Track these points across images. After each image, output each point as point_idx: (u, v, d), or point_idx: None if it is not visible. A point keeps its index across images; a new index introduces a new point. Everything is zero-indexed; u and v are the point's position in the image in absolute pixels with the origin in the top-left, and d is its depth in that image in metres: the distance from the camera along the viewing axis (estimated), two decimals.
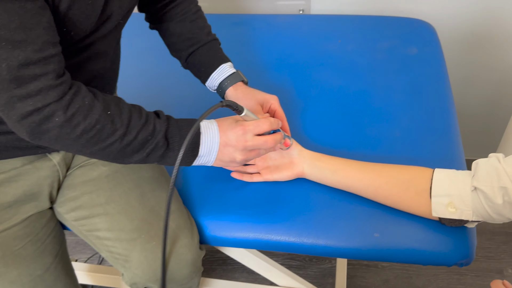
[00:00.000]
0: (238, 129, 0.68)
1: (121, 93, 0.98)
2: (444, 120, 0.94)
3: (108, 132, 0.59)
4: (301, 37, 1.22)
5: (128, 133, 0.61)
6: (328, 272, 1.47)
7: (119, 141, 0.60)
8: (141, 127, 0.62)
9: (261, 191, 0.83)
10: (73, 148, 0.59)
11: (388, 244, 0.75)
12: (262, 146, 0.71)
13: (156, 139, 0.63)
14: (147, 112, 0.65)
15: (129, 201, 0.76)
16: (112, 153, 0.61)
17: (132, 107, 0.64)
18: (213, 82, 0.87)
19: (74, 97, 0.57)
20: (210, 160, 0.70)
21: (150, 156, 0.64)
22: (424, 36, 1.18)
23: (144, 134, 0.62)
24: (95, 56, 0.71)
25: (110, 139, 0.60)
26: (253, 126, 0.69)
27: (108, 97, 0.62)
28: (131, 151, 0.62)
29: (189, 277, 0.77)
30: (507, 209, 0.66)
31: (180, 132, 0.65)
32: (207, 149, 0.67)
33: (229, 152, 0.69)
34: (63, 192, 0.79)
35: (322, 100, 1.02)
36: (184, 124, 0.66)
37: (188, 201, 0.84)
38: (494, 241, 1.52)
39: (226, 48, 1.21)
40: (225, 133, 0.68)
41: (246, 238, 0.80)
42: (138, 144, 0.62)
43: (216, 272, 1.49)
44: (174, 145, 0.65)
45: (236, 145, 0.68)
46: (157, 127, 0.63)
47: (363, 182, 0.78)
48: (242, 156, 0.69)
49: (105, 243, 0.76)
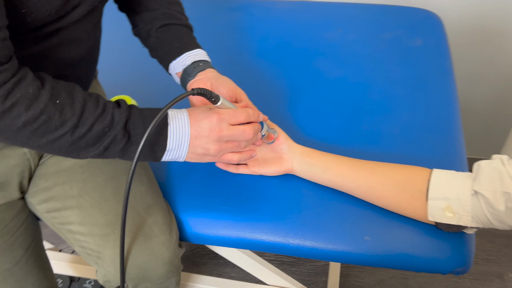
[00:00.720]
0: (212, 117, 0.62)
1: (104, 81, 0.93)
2: (447, 117, 0.88)
3: (56, 124, 0.53)
4: (300, 25, 1.16)
5: (81, 125, 0.55)
6: (322, 270, 1.43)
7: (70, 134, 0.54)
8: (96, 118, 0.56)
9: (247, 186, 0.78)
10: (17, 141, 0.54)
11: (379, 248, 0.70)
12: (239, 137, 0.64)
13: (115, 131, 0.57)
14: (105, 101, 0.59)
15: (104, 194, 0.72)
16: (63, 146, 0.55)
17: (87, 96, 0.57)
18: (184, 61, 0.77)
19: (16, 85, 0.51)
20: (181, 155, 0.64)
21: (109, 150, 0.58)
22: (430, 27, 1.11)
23: (100, 126, 0.56)
24: (68, 43, 0.65)
25: (59, 131, 0.54)
26: (229, 115, 0.63)
27: (60, 85, 0.56)
28: (86, 145, 0.56)
29: (165, 277, 0.72)
30: (510, 216, 0.60)
31: (144, 123, 0.59)
32: (176, 142, 0.62)
33: (202, 144, 0.63)
34: (35, 181, 0.74)
35: (318, 91, 0.97)
36: (149, 114, 0.60)
37: (169, 195, 0.79)
38: (496, 244, 1.47)
39: (221, 34, 1.16)
40: (197, 122, 0.62)
41: (228, 237, 0.75)
42: (94, 137, 0.56)
43: (207, 266, 1.45)
44: (137, 138, 0.59)
45: (210, 135, 0.62)
46: (116, 118, 0.57)
47: (355, 181, 0.73)
48: (216, 146, 0.63)
49: (77, 237, 0.71)
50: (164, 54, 0.78)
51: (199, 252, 1.49)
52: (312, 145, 0.78)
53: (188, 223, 0.76)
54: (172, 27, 0.78)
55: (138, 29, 0.81)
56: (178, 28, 0.78)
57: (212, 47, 0.89)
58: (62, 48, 0.65)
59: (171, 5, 0.80)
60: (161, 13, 0.78)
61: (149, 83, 1.00)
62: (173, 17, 0.79)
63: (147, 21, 0.79)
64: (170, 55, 0.77)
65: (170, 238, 0.72)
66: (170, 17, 0.78)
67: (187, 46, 0.77)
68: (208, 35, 1.15)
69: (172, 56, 0.77)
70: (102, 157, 0.59)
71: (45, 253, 0.84)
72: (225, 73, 0.87)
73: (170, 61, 0.77)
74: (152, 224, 0.71)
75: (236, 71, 1.03)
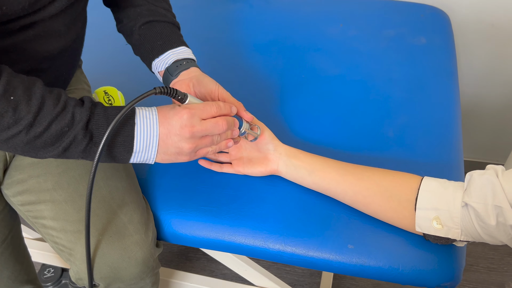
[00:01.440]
0: (182, 113, 0.58)
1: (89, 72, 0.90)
2: (446, 120, 0.84)
3: (9, 122, 0.50)
4: (301, 18, 1.12)
5: (37, 123, 0.51)
6: (317, 271, 1.39)
7: (25, 133, 0.51)
8: (55, 117, 0.52)
9: (230, 186, 0.75)
10: None
11: (362, 258, 0.66)
12: (213, 130, 0.60)
13: (75, 131, 0.54)
14: (67, 99, 0.55)
15: (78, 189, 0.69)
16: (18, 146, 0.52)
17: (47, 93, 0.54)
18: (167, 60, 0.73)
19: None
20: (150, 157, 0.60)
21: (69, 151, 0.55)
22: (436, 25, 1.06)
23: (59, 125, 0.53)
24: (45, 36, 0.62)
25: (12, 129, 0.50)
26: (199, 110, 0.59)
27: (18, 80, 0.52)
28: (43, 144, 0.53)
29: (138, 277, 0.70)
30: (501, 231, 0.57)
31: (108, 123, 0.55)
32: (144, 143, 0.58)
33: (174, 142, 0.59)
34: (10, 173, 0.72)
35: (312, 89, 0.93)
36: (114, 113, 0.56)
37: (148, 191, 0.76)
38: (499, 252, 1.42)
39: (219, 25, 1.12)
40: (167, 120, 0.58)
41: (207, 238, 0.72)
42: (52, 137, 0.53)
43: (200, 262, 1.43)
44: (101, 138, 0.55)
45: (181, 132, 0.58)
46: (76, 117, 0.54)
47: (342, 186, 0.69)
48: (190, 144, 0.59)
49: (50, 232, 0.69)
50: (147, 51, 0.75)
51: (193, 247, 1.47)
52: (301, 146, 0.75)
53: (166, 223, 0.74)
54: (156, 24, 0.74)
55: (122, 26, 0.78)
56: (162, 25, 0.75)
57: (208, 39, 0.86)
58: (39, 41, 0.62)
59: (157, 1, 0.76)
60: (145, 9, 0.75)
61: (135, 74, 0.97)
62: (158, 13, 0.75)
63: (131, 17, 0.75)
64: (153, 52, 0.74)
65: (146, 237, 0.69)
66: (155, 14, 0.75)
67: (170, 43, 0.73)
68: (205, 26, 1.12)
69: (154, 54, 0.74)
70: (63, 157, 0.56)
71: (23, 245, 0.83)
72: (220, 66, 0.84)
73: (153, 59, 0.74)
74: (127, 223, 0.68)
75: (230, 64, 1.00)
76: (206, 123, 0.59)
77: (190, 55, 0.74)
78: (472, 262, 1.40)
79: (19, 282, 0.80)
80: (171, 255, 1.44)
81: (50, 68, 0.67)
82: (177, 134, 0.58)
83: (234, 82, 0.95)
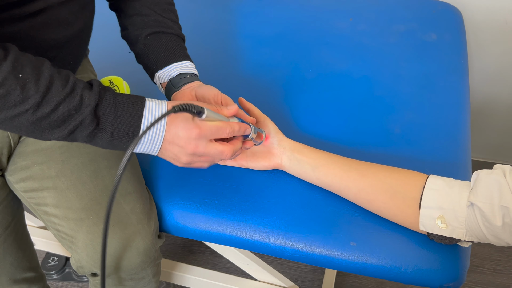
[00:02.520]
0: (192, 131, 0.57)
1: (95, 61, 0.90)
2: (454, 118, 0.82)
3: (16, 100, 0.49)
4: (310, 11, 1.11)
5: (45, 104, 0.51)
6: (320, 268, 1.39)
7: (32, 112, 0.51)
8: (63, 98, 0.52)
9: (233, 179, 0.75)
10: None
11: (364, 256, 0.65)
12: (215, 156, 0.60)
13: (82, 115, 0.53)
14: (75, 81, 0.54)
15: (81, 177, 0.69)
16: (23, 125, 0.52)
17: (56, 73, 0.53)
18: (171, 72, 0.73)
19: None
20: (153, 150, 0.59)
21: (75, 134, 0.55)
22: (447, 21, 1.04)
23: (66, 107, 0.52)
24: (53, 24, 0.62)
25: (18, 108, 0.50)
26: (210, 132, 0.58)
27: (26, 58, 0.52)
28: (49, 126, 0.53)
29: (139, 267, 0.70)
30: (507, 232, 0.55)
31: (116, 111, 0.55)
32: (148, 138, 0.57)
33: (174, 150, 0.58)
34: (14, 159, 0.72)
35: (320, 83, 0.92)
36: (124, 102, 0.56)
37: (152, 182, 0.76)
38: (505, 254, 1.40)
39: (227, 17, 1.11)
40: (175, 128, 0.57)
41: (208, 231, 0.72)
42: (58, 118, 0.52)
43: (204, 255, 1.43)
44: (106, 125, 0.54)
45: (184, 146, 0.58)
46: (85, 100, 0.53)
47: (345, 182, 0.68)
48: (188, 158, 0.59)
49: (52, 220, 0.69)
50: (151, 62, 0.74)
51: (196, 240, 1.47)
52: (306, 140, 0.74)
53: (168, 214, 0.74)
54: (162, 35, 0.74)
55: (127, 33, 0.77)
56: (168, 37, 0.74)
57: (215, 31, 0.85)
58: (46, 29, 0.62)
59: (165, 12, 0.76)
60: (152, 19, 0.74)
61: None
62: (164, 25, 0.75)
63: (137, 26, 0.75)
64: (157, 64, 0.74)
65: (148, 227, 0.69)
66: (162, 25, 0.74)
67: (175, 56, 0.73)
68: (213, 18, 1.11)
69: (158, 65, 0.73)
70: (68, 140, 0.56)
71: (26, 232, 0.83)
72: (227, 58, 0.83)
73: (156, 70, 0.74)
74: (130, 212, 0.68)
75: (237, 57, 0.99)
76: (210, 148, 0.59)
77: (193, 70, 0.74)
78: (478, 263, 1.38)
79: (21, 269, 0.80)
80: (174, 247, 1.44)
81: (57, 57, 0.67)
82: (179, 146, 0.58)
83: (241, 75, 0.95)
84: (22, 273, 0.80)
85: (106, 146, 0.57)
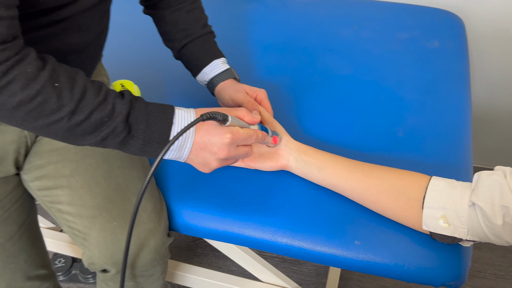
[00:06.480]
0: (226, 136, 0.60)
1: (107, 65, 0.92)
2: (456, 123, 0.84)
3: (53, 108, 0.52)
4: (315, 19, 1.14)
5: (79, 111, 0.53)
6: (323, 271, 1.40)
7: (67, 119, 0.53)
8: (96, 106, 0.54)
9: (240, 180, 0.77)
10: (12, 120, 0.53)
11: (368, 255, 0.67)
12: (240, 157, 0.65)
13: (114, 123, 0.55)
14: (108, 90, 0.57)
15: (95, 176, 0.71)
16: (59, 131, 0.54)
17: (90, 83, 0.56)
18: (204, 77, 0.83)
19: (16, 64, 0.50)
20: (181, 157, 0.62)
21: (107, 140, 0.57)
22: (449, 29, 1.07)
23: (99, 115, 0.54)
24: (74, 29, 0.65)
25: (55, 115, 0.52)
26: (241, 139, 0.62)
27: (62, 68, 0.54)
28: (82, 132, 0.55)
29: (150, 264, 0.72)
30: (507, 231, 0.57)
31: (147, 119, 0.57)
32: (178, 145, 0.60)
33: (206, 156, 0.61)
34: (29, 159, 0.75)
35: (324, 89, 0.94)
36: (155, 110, 0.58)
37: (162, 182, 0.78)
38: (507, 259, 1.41)
39: (234, 24, 1.14)
40: (208, 135, 0.60)
41: (216, 230, 0.74)
42: (91, 126, 0.55)
43: (208, 257, 1.45)
44: (138, 133, 0.57)
45: (217, 152, 0.60)
46: (117, 109, 0.55)
47: (350, 182, 0.70)
48: (218, 164, 0.62)
49: (65, 217, 0.71)
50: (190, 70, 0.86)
51: (201, 242, 1.48)
52: (312, 143, 0.76)
53: (178, 213, 0.76)
54: (189, 45, 0.83)
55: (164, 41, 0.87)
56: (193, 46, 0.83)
57: (221, 37, 0.88)
58: (67, 34, 0.65)
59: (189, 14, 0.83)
60: (180, 29, 0.82)
61: (152, 69, 1.00)
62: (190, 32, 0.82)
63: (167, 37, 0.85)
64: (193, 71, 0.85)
65: (158, 226, 0.71)
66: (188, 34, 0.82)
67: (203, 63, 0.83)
68: (220, 24, 1.13)
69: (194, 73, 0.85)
70: (100, 146, 0.58)
71: (39, 231, 0.85)
72: (234, 64, 0.86)
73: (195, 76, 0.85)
74: (141, 211, 0.70)
75: (244, 63, 1.02)
76: (240, 152, 0.63)
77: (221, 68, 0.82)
78: (480, 269, 1.39)
79: (34, 266, 0.82)
80: (179, 250, 1.46)
81: (76, 61, 0.69)
82: (212, 152, 0.61)
83: (248, 80, 0.97)
84: (35, 270, 0.82)
85: (137, 153, 0.59)
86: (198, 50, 0.82)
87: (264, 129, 0.69)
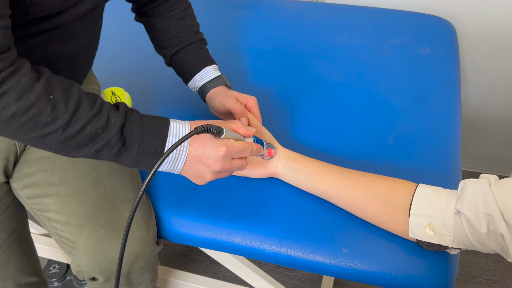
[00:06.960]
0: (220, 149, 0.60)
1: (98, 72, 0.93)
2: (445, 130, 0.85)
3: (47, 119, 0.52)
4: (307, 26, 1.14)
5: (73, 123, 0.53)
6: (318, 277, 1.40)
7: (61, 131, 0.53)
8: (90, 118, 0.54)
9: (229, 187, 0.77)
10: (6, 132, 0.52)
11: (355, 262, 0.67)
12: (235, 169, 0.64)
13: (109, 135, 0.55)
14: (102, 102, 0.57)
15: (83, 184, 0.72)
16: (53, 143, 0.54)
17: (84, 95, 0.55)
18: (196, 84, 0.84)
19: (10, 75, 0.50)
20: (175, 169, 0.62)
21: (102, 152, 0.57)
22: (441, 35, 1.07)
23: (94, 127, 0.54)
24: (64, 38, 0.65)
25: (49, 127, 0.52)
26: (236, 151, 0.61)
27: (57, 80, 0.54)
28: (77, 144, 0.55)
29: (138, 272, 0.72)
30: (492, 239, 0.57)
31: (142, 131, 0.57)
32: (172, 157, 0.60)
33: (200, 168, 0.61)
34: (19, 167, 0.75)
35: (315, 95, 0.94)
36: (150, 123, 0.58)
37: (151, 189, 0.79)
38: (502, 265, 1.41)
39: (226, 30, 1.15)
40: (203, 148, 0.60)
41: (205, 237, 0.74)
42: (86, 138, 0.54)
43: (203, 263, 1.45)
44: (133, 145, 0.57)
45: (212, 165, 0.60)
46: (112, 121, 0.55)
47: (338, 189, 0.70)
48: (212, 176, 0.62)
49: (54, 225, 0.72)
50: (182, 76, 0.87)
51: (196, 248, 1.48)
52: (301, 150, 0.77)
53: (166, 221, 0.76)
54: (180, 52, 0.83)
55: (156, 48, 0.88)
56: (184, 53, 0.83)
57: (214, 43, 0.88)
58: (58, 43, 0.65)
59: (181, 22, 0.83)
60: (171, 36, 0.83)
61: (144, 76, 1.00)
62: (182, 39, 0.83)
63: (158, 44, 0.85)
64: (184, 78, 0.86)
65: (147, 234, 0.71)
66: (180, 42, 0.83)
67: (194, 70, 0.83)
68: (212, 31, 1.14)
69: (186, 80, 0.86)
70: (95, 158, 0.58)
71: (30, 238, 0.85)
72: (226, 70, 0.87)
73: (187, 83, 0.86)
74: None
75: (236, 69, 1.03)
76: (234, 164, 0.63)
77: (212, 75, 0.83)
78: (475, 274, 1.39)
79: (25, 274, 0.82)
80: (174, 255, 1.46)
81: (66, 69, 0.70)
82: (207, 165, 0.60)
83: (239, 87, 0.97)
84: (26, 278, 0.82)
85: (131, 165, 0.59)
86: (189, 57, 0.83)
87: (260, 142, 0.69)
